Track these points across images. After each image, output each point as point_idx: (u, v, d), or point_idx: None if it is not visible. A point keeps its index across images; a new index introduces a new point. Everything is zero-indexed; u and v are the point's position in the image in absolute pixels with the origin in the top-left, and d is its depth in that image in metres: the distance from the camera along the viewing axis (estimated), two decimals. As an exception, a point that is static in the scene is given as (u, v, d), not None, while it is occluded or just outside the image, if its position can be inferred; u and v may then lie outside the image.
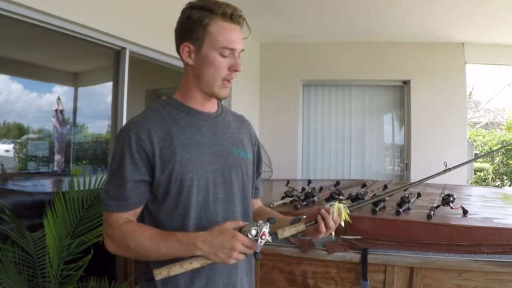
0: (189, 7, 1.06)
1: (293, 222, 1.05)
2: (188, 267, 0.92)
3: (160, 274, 0.91)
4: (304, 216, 1.05)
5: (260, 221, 0.95)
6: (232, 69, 1.06)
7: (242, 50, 1.07)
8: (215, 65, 1.04)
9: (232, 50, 1.04)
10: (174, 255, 0.96)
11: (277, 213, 1.22)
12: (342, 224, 1.04)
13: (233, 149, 1.13)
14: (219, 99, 1.13)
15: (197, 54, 1.05)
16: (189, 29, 1.04)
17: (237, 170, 1.12)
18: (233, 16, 1.04)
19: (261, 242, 0.93)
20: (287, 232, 1.01)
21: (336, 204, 1.01)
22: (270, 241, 0.95)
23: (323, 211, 1.01)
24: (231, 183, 1.10)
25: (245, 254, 0.94)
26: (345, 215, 1.02)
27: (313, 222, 1.02)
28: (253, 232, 0.93)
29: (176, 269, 0.91)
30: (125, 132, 1.03)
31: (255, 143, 1.26)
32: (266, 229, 0.93)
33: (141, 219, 1.08)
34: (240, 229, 0.96)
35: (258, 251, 0.94)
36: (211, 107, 1.14)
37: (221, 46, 1.03)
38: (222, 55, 1.04)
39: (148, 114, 1.07)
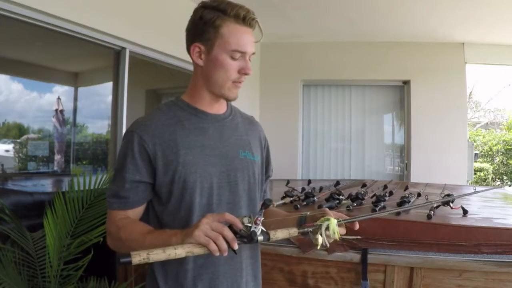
0: (202, 7, 1.04)
1: (300, 221, 1.02)
2: (171, 253, 0.82)
3: (138, 255, 0.79)
4: (308, 213, 1.01)
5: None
6: (242, 72, 1.04)
7: (253, 53, 1.06)
8: (225, 67, 1.03)
9: (243, 53, 1.03)
10: (154, 246, 0.92)
11: (281, 213, 1.19)
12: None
13: (240, 151, 1.11)
14: (229, 101, 1.13)
15: (207, 55, 1.04)
16: (201, 29, 1.03)
17: (243, 173, 1.10)
18: (246, 19, 1.02)
19: (255, 227, 0.87)
20: (279, 234, 0.94)
21: (332, 222, 0.92)
22: (263, 240, 0.89)
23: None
24: (236, 186, 1.08)
25: (228, 244, 0.83)
26: (337, 234, 0.93)
27: (306, 230, 0.95)
28: (246, 220, 0.88)
29: (157, 253, 0.81)
30: (129, 132, 1.03)
31: (264, 146, 1.23)
32: (260, 215, 0.88)
33: (146, 220, 1.07)
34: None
35: (256, 230, 0.87)
36: (219, 108, 1.13)
37: (232, 49, 1.01)
38: (233, 58, 1.02)
39: (153, 115, 1.06)
